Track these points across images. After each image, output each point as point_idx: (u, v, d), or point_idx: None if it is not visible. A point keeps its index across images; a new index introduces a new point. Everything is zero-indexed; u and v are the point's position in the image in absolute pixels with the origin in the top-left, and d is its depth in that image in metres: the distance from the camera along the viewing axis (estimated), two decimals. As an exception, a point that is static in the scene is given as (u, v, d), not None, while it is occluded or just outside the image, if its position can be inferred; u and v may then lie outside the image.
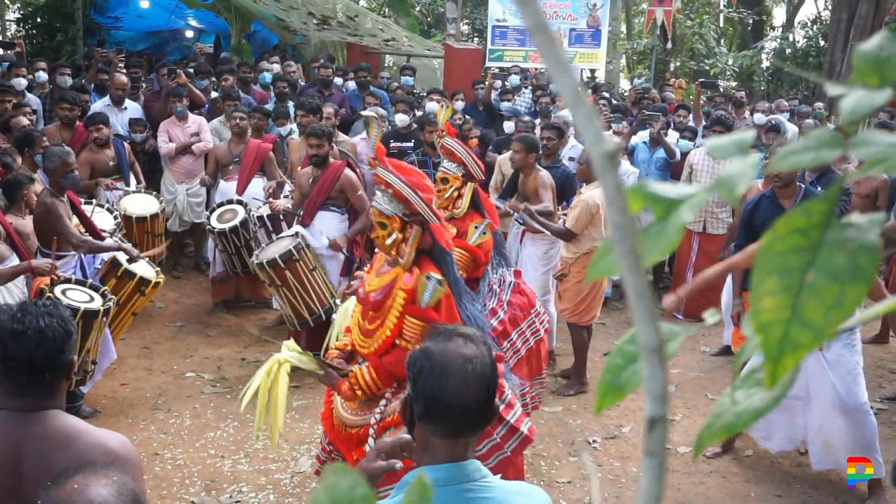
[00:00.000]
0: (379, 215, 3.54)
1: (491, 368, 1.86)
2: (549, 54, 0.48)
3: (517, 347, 4.73)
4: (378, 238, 3.58)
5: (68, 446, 2.09)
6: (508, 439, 3.64)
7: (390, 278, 3.58)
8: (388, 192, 3.51)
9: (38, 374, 2.14)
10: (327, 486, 0.60)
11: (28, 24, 15.92)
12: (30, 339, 2.12)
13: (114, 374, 6.37)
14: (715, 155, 0.68)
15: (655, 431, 0.51)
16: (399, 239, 3.53)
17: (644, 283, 0.51)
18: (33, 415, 2.14)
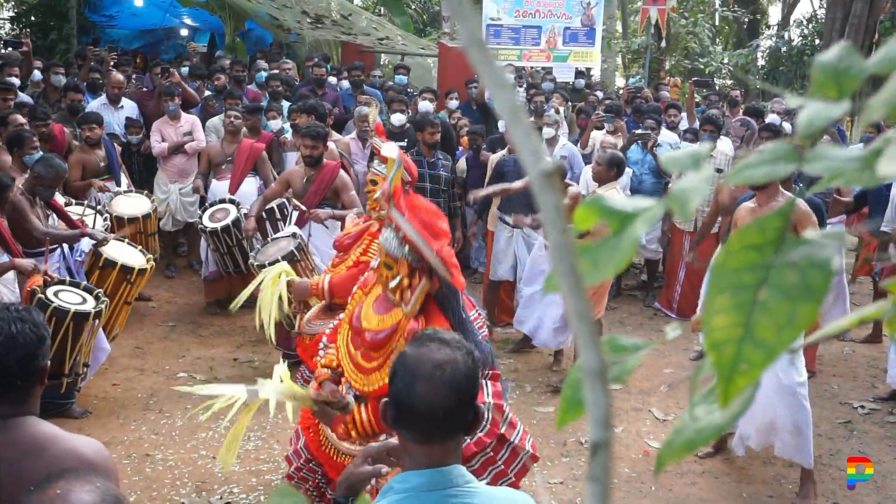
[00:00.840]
0: (385, 255, 3.16)
1: (465, 375, 1.82)
2: (486, 71, 0.47)
3: None
4: (382, 277, 3.21)
5: (40, 454, 2.07)
6: (511, 463, 3.49)
7: (392, 322, 3.24)
8: (399, 234, 3.11)
9: (9, 381, 2.11)
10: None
11: (22, 22, 15.89)
12: (1, 345, 2.09)
13: (105, 375, 6.35)
14: (669, 168, 0.67)
15: (599, 456, 0.50)
16: (405, 284, 3.15)
17: (586, 305, 0.49)
18: (5, 422, 2.11)
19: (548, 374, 6.75)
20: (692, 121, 9.47)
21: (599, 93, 11.73)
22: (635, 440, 5.65)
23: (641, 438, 5.67)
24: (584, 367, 0.51)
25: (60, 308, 4.88)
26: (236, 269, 7.00)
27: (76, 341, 5.03)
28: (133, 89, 9.62)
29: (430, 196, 7.18)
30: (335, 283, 4.33)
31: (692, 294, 7.66)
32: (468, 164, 8.49)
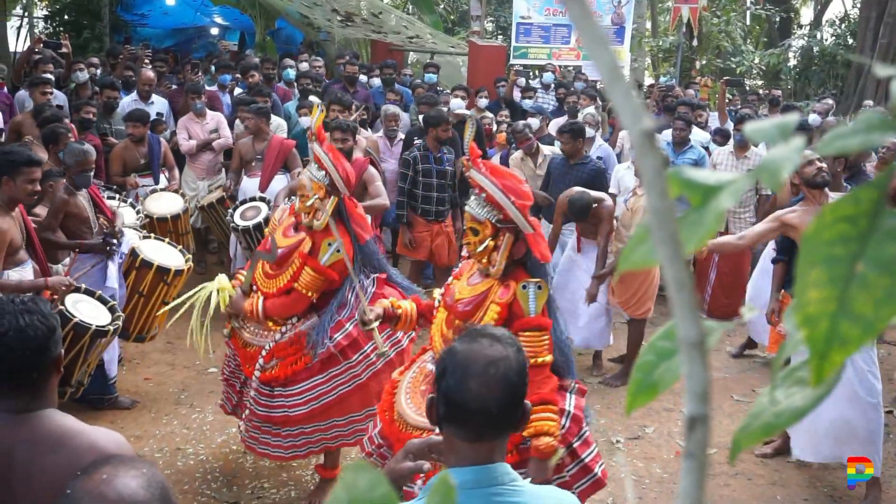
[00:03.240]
0: (471, 220, 3.38)
1: (517, 372, 1.79)
2: (585, 27, 0.45)
3: (371, 360, 4.36)
4: (469, 245, 3.41)
5: (60, 447, 2.05)
6: (579, 479, 3.49)
7: (483, 289, 3.42)
8: (482, 196, 3.36)
9: (24, 374, 2.09)
10: (346, 484, 0.57)
11: (55, 21, 16.06)
12: (11, 339, 2.06)
13: (137, 370, 6.40)
14: (755, 139, 0.65)
15: (696, 432, 0.48)
16: (491, 246, 3.34)
17: (685, 272, 0.47)
18: (23, 416, 2.09)
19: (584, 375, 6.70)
20: (724, 121, 9.37)
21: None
22: (667, 441, 5.59)
23: (673, 439, 5.62)
24: (681, 338, 0.49)
25: (81, 324, 4.82)
26: (267, 265, 7.01)
27: (88, 355, 4.99)
28: (164, 87, 9.69)
29: (437, 191, 7.21)
30: (270, 309, 4.36)
31: (723, 295, 7.58)
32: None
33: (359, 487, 0.57)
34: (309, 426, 4.41)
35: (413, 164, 7.21)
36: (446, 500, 0.54)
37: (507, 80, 10.67)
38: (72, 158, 5.53)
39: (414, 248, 7.31)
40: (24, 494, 2.05)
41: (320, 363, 4.34)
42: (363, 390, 4.41)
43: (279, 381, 4.39)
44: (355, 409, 4.42)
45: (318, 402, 4.34)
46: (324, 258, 4.26)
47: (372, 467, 0.58)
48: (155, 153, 7.59)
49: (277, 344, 4.39)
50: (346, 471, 0.59)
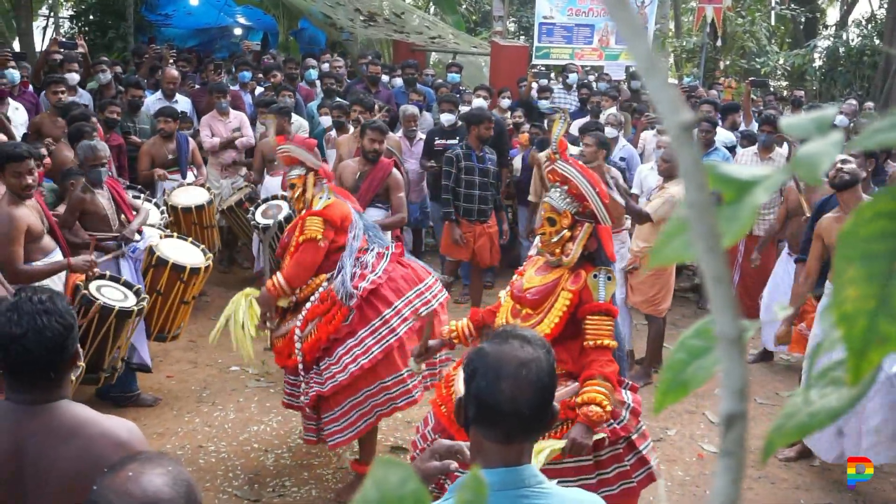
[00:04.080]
0: (550, 210, 3.53)
1: (548, 373, 1.78)
2: (621, 17, 0.44)
3: (405, 315, 4.49)
4: (544, 235, 3.56)
5: (73, 438, 2.08)
6: (637, 469, 3.59)
7: (553, 278, 3.56)
8: (564, 188, 3.51)
9: (40, 371, 2.13)
10: (376, 480, 0.57)
11: (81, 21, 16.20)
12: (29, 340, 2.09)
13: (160, 367, 6.43)
14: (791, 133, 0.64)
15: (734, 429, 0.47)
16: (567, 237, 3.51)
17: (723, 267, 0.46)
18: (37, 407, 2.12)
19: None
20: (748, 121, 9.30)
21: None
22: (689, 443, 5.56)
23: (695, 441, 5.58)
24: (719, 334, 0.48)
25: (105, 305, 4.88)
26: (289, 264, 7.03)
27: (117, 338, 5.02)
28: (188, 86, 9.75)
29: (479, 189, 7.16)
30: (287, 274, 4.56)
31: (746, 297, 7.51)
32: (522, 164, 8.44)
33: (389, 483, 0.56)
34: (360, 393, 4.47)
35: (456, 162, 7.17)
36: (478, 497, 0.53)
37: (527, 81, 10.66)
38: (82, 155, 5.59)
39: (463, 245, 7.27)
40: (36, 486, 2.08)
41: (357, 318, 4.45)
42: (402, 347, 4.49)
43: (321, 344, 4.46)
44: (398, 367, 4.48)
45: (365, 358, 4.41)
46: (317, 206, 4.57)
47: (402, 463, 0.57)
48: (183, 150, 7.66)
49: (310, 308, 4.52)
50: (376, 467, 0.58)
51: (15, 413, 2.12)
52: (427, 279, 4.74)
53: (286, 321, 4.68)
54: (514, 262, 8.95)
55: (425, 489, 0.56)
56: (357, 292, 4.43)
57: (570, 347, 3.49)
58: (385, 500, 0.55)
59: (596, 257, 3.56)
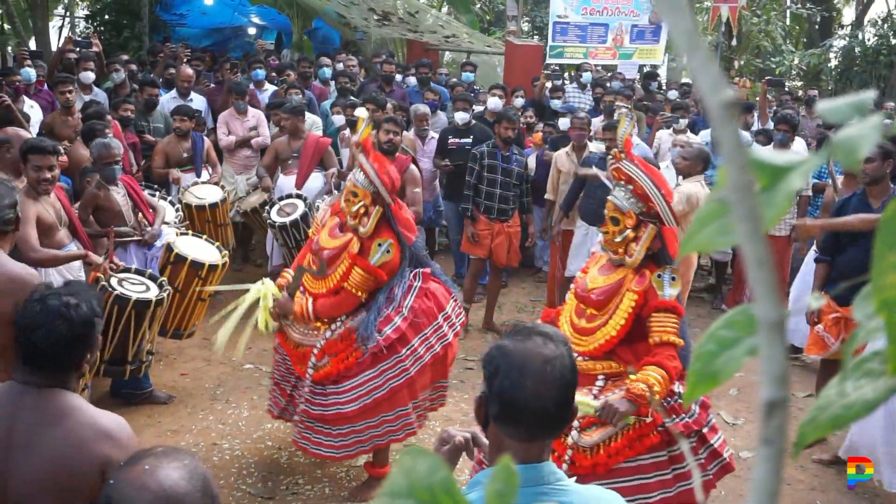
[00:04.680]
0: (613, 210, 3.53)
1: (571, 370, 1.75)
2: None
3: (419, 354, 4.49)
4: (607, 234, 3.56)
5: (60, 422, 2.16)
6: (711, 462, 3.63)
7: (617, 278, 3.56)
8: (629, 188, 3.50)
9: (53, 362, 2.22)
10: (405, 468, 0.56)
11: (96, 20, 16.27)
12: (38, 336, 2.21)
13: (174, 365, 6.45)
14: (829, 117, 0.62)
15: (774, 417, 0.46)
16: (630, 237, 3.50)
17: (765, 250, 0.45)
18: (35, 389, 2.21)
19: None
20: (764, 121, 9.26)
21: (674, 91, 11.52)
22: (704, 443, 5.52)
23: (710, 442, 5.54)
24: (761, 318, 0.47)
25: (122, 296, 4.90)
26: (303, 263, 7.04)
27: (138, 329, 5.04)
28: (202, 85, 9.78)
29: (500, 189, 7.14)
30: (320, 310, 4.49)
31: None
32: (536, 163, 8.41)
33: (418, 472, 0.55)
34: (360, 423, 4.50)
35: (479, 159, 7.16)
36: (508, 486, 0.52)
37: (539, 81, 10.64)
38: (96, 152, 5.62)
39: (475, 244, 7.26)
40: (21, 463, 2.14)
41: (371, 357, 4.44)
42: (412, 385, 4.53)
43: (332, 377, 4.49)
44: (404, 402, 4.52)
45: (369, 398, 4.43)
46: (374, 258, 4.39)
47: (430, 451, 0.56)
48: (198, 149, 7.68)
49: (328, 341, 4.51)
50: (404, 455, 0.57)
51: (15, 392, 2.22)
52: (447, 307, 4.70)
53: (301, 324, 4.67)
54: (528, 261, 8.95)
55: (453, 479, 0.55)
56: (379, 338, 4.41)
57: (636, 347, 3.51)
58: (414, 490, 0.54)
59: (659, 257, 3.54)
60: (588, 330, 3.58)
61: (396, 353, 4.46)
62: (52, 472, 2.12)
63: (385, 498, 0.55)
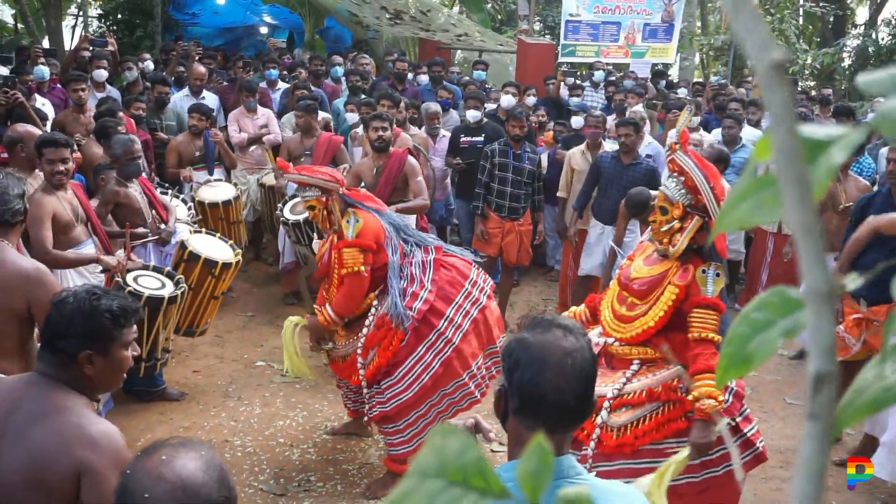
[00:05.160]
0: (663, 200, 3.57)
1: (591, 362, 1.74)
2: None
3: (457, 322, 4.56)
4: (655, 223, 3.61)
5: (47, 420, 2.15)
6: (743, 451, 3.66)
7: (660, 270, 3.61)
8: (680, 179, 3.54)
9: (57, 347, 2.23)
10: (435, 447, 0.54)
11: (109, 20, 16.33)
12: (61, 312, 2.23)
13: (186, 362, 6.46)
14: (871, 90, 0.60)
15: (822, 391, 0.44)
16: (676, 228, 3.55)
17: (813, 217, 0.43)
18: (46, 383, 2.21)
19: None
20: (778, 119, 9.19)
21: (683, 89, 11.48)
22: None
23: (724, 441, 5.51)
24: (808, 288, 0.45)
25: (134, 292, 4.90)
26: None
27: (152, 326, 5.03)
28: (215, 83, 9.80)
29: (512, 187, 7.13)
30: (337, 307, 4.59)
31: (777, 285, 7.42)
32: (548, 162, 8.39)
33: (449, 451, 0.54)
34: (423, 406, 4.57)
35: (491, 157, 7.16)
36: (542, 466, 0.51)
37: (556, 79, 10.61)
38: (119, 148, 5.62)
39: (485, 241, 7.25)
40: (6, 454, 2.13)
41: (414, 337, 4.52)
42: (460, 354, 4.57)
43: (383, 369, 4.54)
44: (458, 373, 4.57)
45: (426, 375, 4.50)
46: (348, 232, 4.55)
47: (462, 430, 0.54)
48: (210, 147, 7.69)
49: (367, 337, 4.59)
50: (434, 434, 0.56)
51: (26, 382, 2.24)
52: (470, 274, 4.78)
53: (342, 338, 4.76)
54: (540, 260, 8.92)
55: (486, 458, 0.54)
56: (411, 314, 4.49)
57: (673, 338, 3.55)
58: (445, 469, 0.53)
59: (705, 252, 3.57)
60: (627, 318, 3.65)
61: (435, 327, 4.52)
62: (29, 467, 2.09)
63: (415, 477, 0.54)
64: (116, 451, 2.15)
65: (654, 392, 3.51)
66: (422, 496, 0.52)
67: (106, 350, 2.26)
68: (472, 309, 4.64)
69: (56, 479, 2.08)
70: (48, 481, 2.09)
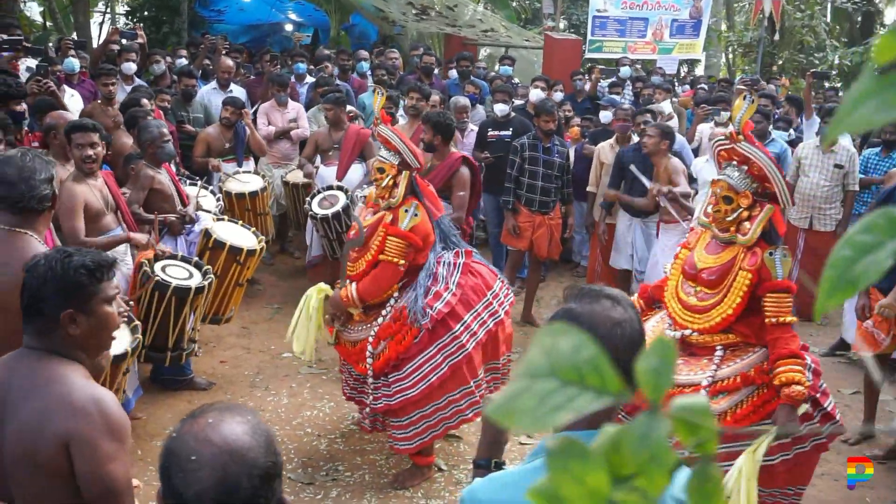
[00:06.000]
0: (727, 189, 3.59)
1: (640, 333, 1.70)
2: None
3: (473, 330, 4.51)
4: (718, 212, 3.63)
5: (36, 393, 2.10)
6: (824, 424, 3.74)
7: (728, 257, 3.64)
8: (743, 168, 3.58)
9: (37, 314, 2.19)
10: (544, 347, 0.51)
11: (136, 16, 16.45)
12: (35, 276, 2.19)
13: (213, 352, 6.47)
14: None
15: None
16: (744, 216, 3.59)
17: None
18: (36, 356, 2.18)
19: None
20: (809, 115, 9.10)
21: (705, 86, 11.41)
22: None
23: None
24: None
25: (162, 282, 4.88)
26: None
27: (178, 316, 5.01)
28: (242, 76, 9.83)
29: (542, 181, 7.09)
30: (362, 290, 4.55)
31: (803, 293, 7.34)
32: (575, 157, 8.34)
33: (560, 350, 0.51)
34: (428, 407, 4.52)
35: (520, 151, 7.12)
36: (664, 361, 0.48)
37: (583, 75, 10.58)
38: (148, 135, 5.64)
39: (516, 236, 7.22)
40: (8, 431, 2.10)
41: (427, 336, 4.46)
42: (470, 361, 4.53)
43: (392, 362, 4.50)
44: (466, 380, 4.53)
45: (434, 376, 4.45)
46: (403, 223, 4.47)
47: (573, 329, 0.51)
48: (240, 139, 7.71)
49: (382, 326, 4.54)
50: (541, 334, 0.52)
51: (16, 358, 2.20)
52: (494, 285, 4.73)
53: (356, 322, 4.71)
54: (566, 255, 8.87)
55: (603, 355, 0.51)
56: (431, 313, 4.43)
57: (750, 321, 3.61)
58: (558, 368, 0.50)
59: (768, 235, 3.60)
60: (701, 308, 3.68)
61: (451, 329, 4.46)
62: (20, 442, 2.06)
63: (523, 379, 0.51)
64: (106, 415, 2.09)
65: (748, 376, 3.57)
66: (533, 397, 0.49)
67: (87, 307, 2.20)
68: (490, 320, 4.61)
69: (45, 453, 2.04)
70: (38, 456, 2.05)
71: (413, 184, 4.61)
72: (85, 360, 2.22)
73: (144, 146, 5.68)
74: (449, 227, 4.81)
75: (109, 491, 2.06)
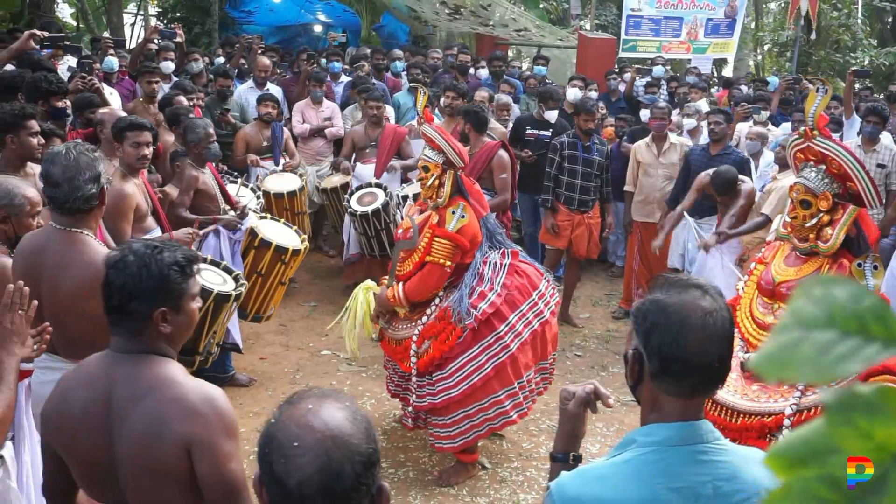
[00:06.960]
0: (805, 192, 3.32)
1: (730, 322, 1.67)
2: None
3: (518, 330, 4.48)
4: (796, 219, 3.36)
5: (146, 397, 2.04)
6: None
7: (811, 270, 3.38)
8: (821, 168, 3.29)
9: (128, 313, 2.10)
10: (816, 297, 0.48)
11: (167, 17, 16.57)
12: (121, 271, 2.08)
13: (253, 349, 6.47)
14: None
15: None
16: (824, 221, 3.30)
17: None
18: (124, 355, 2.11)
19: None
20: (849, 114, 8.98)
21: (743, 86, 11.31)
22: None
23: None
24: None
25: (204, 288, 4.82)
26: (381, 252, 7.01)
27: (214, 321, 4.97)
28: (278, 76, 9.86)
29: (581, 180, 7.05)
30: (409, 290, 4.55)
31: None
32: (611, 156, 8.28)
33: (837, 298, 0.47)
34: (471, 406, 4.50)
35: (560, 150, 7.09)
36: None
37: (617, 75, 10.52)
38: (195, 135, 5.62)
39: (555, 235, 7.19)
40: (118, 439, 2.05)
41: (471, 336, 4.44)
42: (515, 362, 4.51)
43: (436, 361, 4.50)
44: (510, 381, 4.51)
45: (477, 376, 4.44)
46: (451, 225, 4.45)
47: (849, 279, 0.48)
48: (277, 137, 7.73)
49: (426, 325, 4.54)
50: (808, 285, 0.49)
51: (110, 362, 2.12)
52: (540, 285, 4.71)
53: (401, 320, 4.72)
54: (602, 254, 8.81)
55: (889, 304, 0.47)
56: (476, 313, 4.42)
57: None
58: (835, 318, 0.47)
59: (855, 244, 3.31)
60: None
61: (495, 329, 4.44)
62: (136, 450, 2.02)
63: (794, 331, 0.48)
64: (221, 415, 2.06)
65: None
66: (810, 349, 0.46)
67: (178, 304, 2.14)
68: (535, 320, 4.58)
69: (163, 459, 2.00)
70: (155, 463, 2.01)
71: (459, 182, 4.60)
72: (176, 356, 2.19)
73: (190, 146, 5.67)
74: (495, 226, 4.80)
75: (232, 491, 2.03)
